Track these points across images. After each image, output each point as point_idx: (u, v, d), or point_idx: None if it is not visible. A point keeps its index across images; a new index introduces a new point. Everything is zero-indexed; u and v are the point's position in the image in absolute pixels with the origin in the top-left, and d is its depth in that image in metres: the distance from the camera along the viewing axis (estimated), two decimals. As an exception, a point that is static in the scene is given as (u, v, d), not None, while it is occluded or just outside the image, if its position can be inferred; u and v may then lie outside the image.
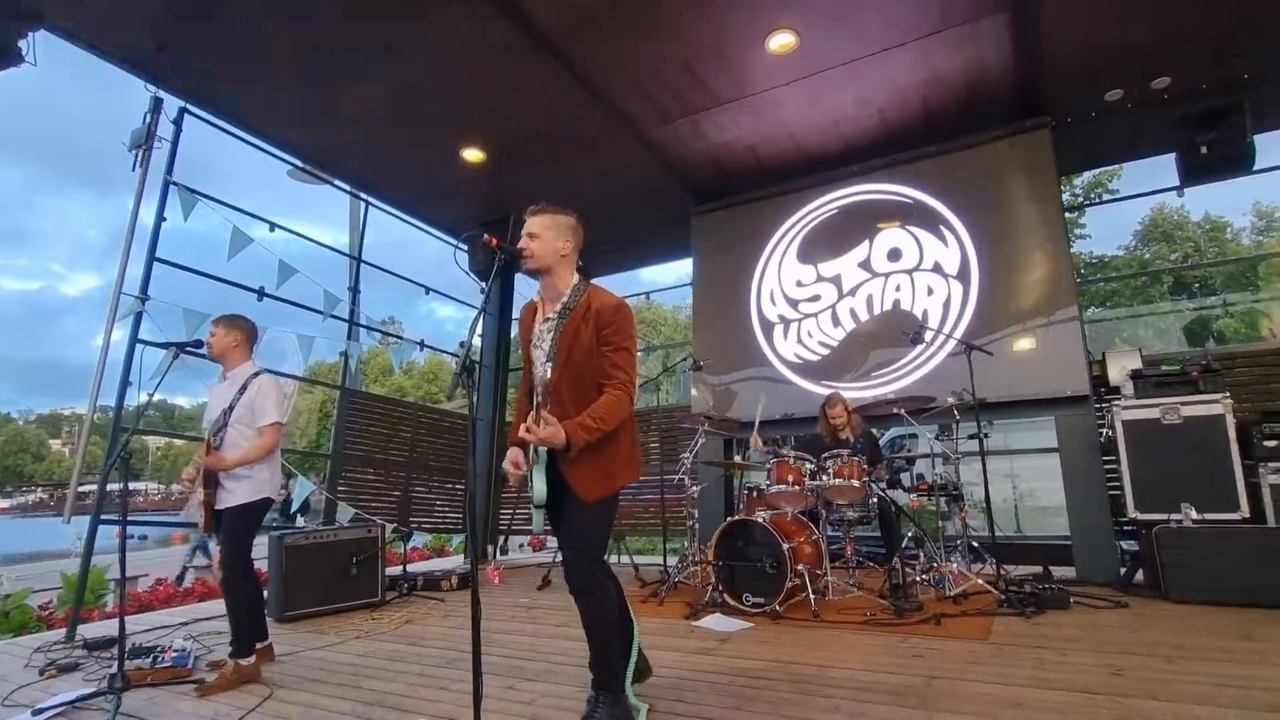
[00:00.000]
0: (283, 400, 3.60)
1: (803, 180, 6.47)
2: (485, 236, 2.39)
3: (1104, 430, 4.86)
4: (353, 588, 4.91)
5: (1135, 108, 5.60)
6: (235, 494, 3.42)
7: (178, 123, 5.15)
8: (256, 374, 3.59)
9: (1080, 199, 17.53)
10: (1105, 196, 17.40)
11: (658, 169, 6.45)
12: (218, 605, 5.37)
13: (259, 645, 3.41)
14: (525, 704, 2.79)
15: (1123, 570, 4.66)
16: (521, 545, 8.76)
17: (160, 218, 4.96)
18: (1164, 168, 6.44)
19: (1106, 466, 4.96)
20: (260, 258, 5.66)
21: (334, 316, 6.27)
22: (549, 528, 2.58)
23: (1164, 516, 4.27)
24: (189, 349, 3.62)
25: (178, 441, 59.91)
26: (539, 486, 2.43)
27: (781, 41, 4.78)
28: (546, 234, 2.53)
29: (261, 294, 5.57)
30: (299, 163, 6.35)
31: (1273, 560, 3.84)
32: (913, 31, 4.71)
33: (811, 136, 6.00)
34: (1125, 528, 4.83)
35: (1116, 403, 4.63)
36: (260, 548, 3.98)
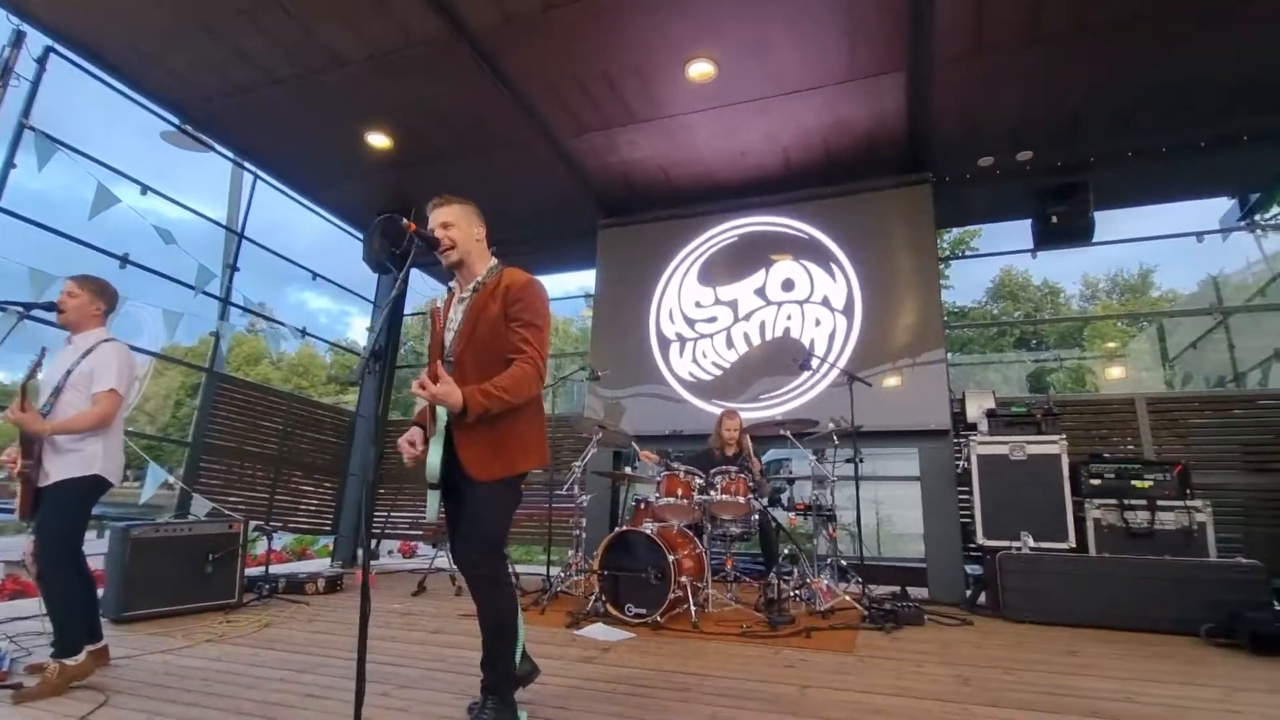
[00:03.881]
0: (126, 368, 3.20)
1: (709, 205, 6.71)
2: (404, 221, 2.31)
3: (960, 462, 5.32)
4: (206, 588, 4.51)
5: (1002, 175, 6.23)
6: (57, 468, 3.00)
7: (41, 61, 4.62)
8: (106, 340, 3.22)
9: (947, 253, 19.25)
10: (968, 252, 19.24)
11: (569, 178, 6.47)
12: (38, 604, 4.77)
13: (91, 647, 3.05)
14: (401, 710, 2.68)
15: (968, 592, 5.10)
16: (391, 551, 8.38)
17: (9, 164, 4.42)
18: (1019, 232, 7.22)
19: (960, 496, 5.43)
20: (121, 224, 5.16)
21: (206, 293, 5.79)
22: (444, 516, 2.46)
23: (1006, 544, 4.73)
24: (38, 310, 3.23)
25: (-12, 421, 52.59)
26: (432, 459, 2.32)
27: (700, 70, 4.96)
28: (461, 222, 2.51)
29: (125, 261, 5.06)
30: (177, 122, 5.82)
31: (1091, 585, 4.34)
32: (822, 78, 5.03)
33: (720, 164, 6.24)
34: (972, 553, 5.29)
35: (973, 438, 5.09)
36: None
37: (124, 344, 3.29)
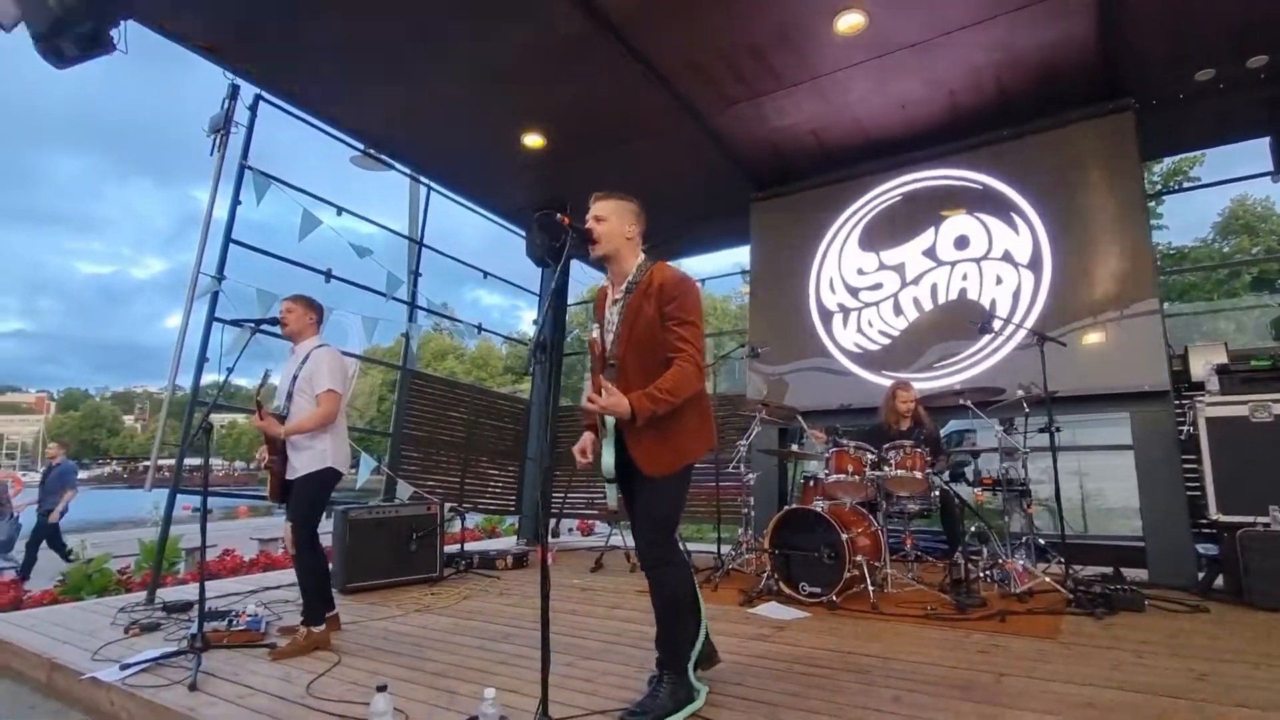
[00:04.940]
0: (340, 370, 3.66)
1: (866, 165, 6.30)
2: (559, 216, 2.41)
3: (1184, 428, 4.62)
4: (412, 563, 5.04)
5: (1227, 89, 5.28)
6: (300, 463, 3.52)
7: (253, 109, 5.30)
8: (318, 347, 3.70)
9: (1159, 187, 16.67)
10: (1186, 184, 16.54)
11: (718, 156, 6.37)
12: (283, 575, 5.59)
13: (327, 614, 3.53)
14: (585, 680, 2.83)
15: (1201, 575, 4.45)
16: (571, 529, 8.86)
17: (236, 201, 5.14)
18: (1253, 154, 6.11)
19: (1185, 466, 4.72)
20: (322, 241, 5.82)
21: (396, 299, 6.41)
22: (623, 499, 2.59)
23: (1249, 519, 4.05)
24: (265, 325, 3.77)
25: (240, 420, 62.34)
26: (606, 460, 2.46)
27: (850, 22, 4.64)
28: (613, 218, 2.56)
29: (329, 276, 5.73)
30: (362, 147, 6.47)
31: (1371, 569, 3.61)
32: (992, 7, 4.49)
33: (877, 119, 5.83)
34: (1204, 530, 4.60)
35: (1200, 399, 4.39)
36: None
37: (334, 348, 3.76)
